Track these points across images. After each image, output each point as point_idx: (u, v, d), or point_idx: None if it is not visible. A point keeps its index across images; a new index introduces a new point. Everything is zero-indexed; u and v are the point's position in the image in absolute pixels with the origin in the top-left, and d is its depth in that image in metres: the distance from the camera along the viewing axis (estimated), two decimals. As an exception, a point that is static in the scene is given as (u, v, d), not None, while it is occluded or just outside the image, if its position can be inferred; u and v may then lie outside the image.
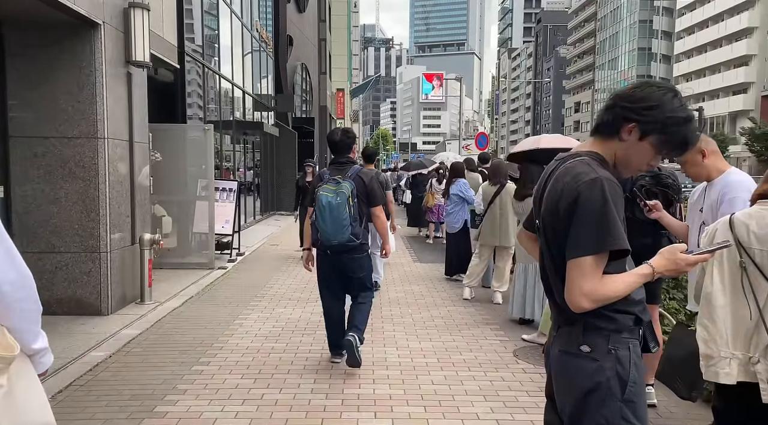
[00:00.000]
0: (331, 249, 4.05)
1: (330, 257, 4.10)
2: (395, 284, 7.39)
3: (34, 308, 1.53)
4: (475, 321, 5.66)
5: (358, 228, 4.01)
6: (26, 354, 1.54)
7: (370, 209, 4.14)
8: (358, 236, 4.01)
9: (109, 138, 5.59)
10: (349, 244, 3.99)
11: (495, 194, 6.31)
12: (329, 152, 20.92)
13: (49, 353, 1.63)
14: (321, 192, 3.99)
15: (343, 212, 3.92)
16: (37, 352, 1.57)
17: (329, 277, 4.23)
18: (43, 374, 1.64)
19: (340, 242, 3.97)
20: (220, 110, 11.19)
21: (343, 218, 3.93)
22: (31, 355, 1.56)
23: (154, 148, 8.01)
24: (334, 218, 3.92)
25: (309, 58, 28.10)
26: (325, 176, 4.13)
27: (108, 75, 5.55)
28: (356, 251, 4.08)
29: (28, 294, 1.50)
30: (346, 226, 3.94)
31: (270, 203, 16.62)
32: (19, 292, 1.47)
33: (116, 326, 5.23)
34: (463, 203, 7.60)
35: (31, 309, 1.52)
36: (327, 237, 3.98)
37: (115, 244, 5.71)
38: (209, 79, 10.71)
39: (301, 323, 5.51)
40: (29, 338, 1.54)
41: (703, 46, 61.94)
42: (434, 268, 8.67)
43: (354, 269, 4.15)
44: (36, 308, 1.54)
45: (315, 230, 4.04)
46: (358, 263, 4.14)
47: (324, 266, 4.20)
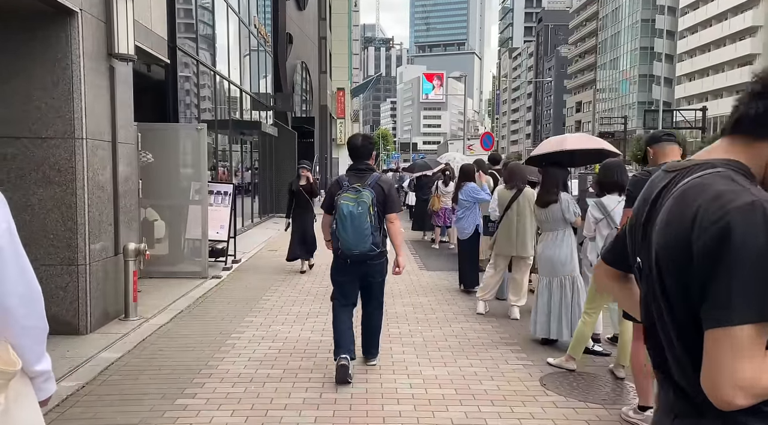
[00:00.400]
0: (352, 258, 4.01)
1: (349, 264, 4.06)
2: (401, 296, 6.85)
3: (40, 326, 1.48)
4: (493, 340, 5.12)
5: (379, 237, 3.99)
6: (28, 375, 1.48)
7: (386, 215, 4.07)
8: (379, 246, 4.01)
9: (88, 138, 5.05)
10: (370, 253, 3.97)
11: (512, 200, 5.77)
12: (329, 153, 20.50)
13: (52, 379, 1.56)
14: (342, 201, 3.91)
15: (364, 221, 3.88)
16: (39, 375, 1.51)
17: (346, 283, 4.19)
18: (45, 402, 1.56)
19: (361, 251, 3.94)
20: (216, 109, 10.65)
21: (365, 228, 3.89)
22: (33, 378, 1.50)
23: (144, 149, 7.49)
24: (355, 228, 3.87)
25: (309, 56, 27.58)
26: (344, 183, 4.05)
27: (87, 69, 5.02)
28: (376, 258, 4.08)
29: (35, 310, 1.45)
30: (367, 235, 3.90)
31: (268, 205, 16.09)
32: (25, 307, 1.42)
33: (94, 348, 4.69)
34: (474, 206, 7.07)
35: (37, 327, 1.47)
36: (348, 247, 3.94)
37: (95, 255, 5.18)
38: (204, 76, 10.18)
39: (300, 344, 4.98)
40: (32, 358, 1.47)
41: (706, 46, 61.52)
42: (443, 277, 8.13)
43: (373, 275, 4.16)
44: (42, 326, 1.48)
45: (336, 239, 3.99)
46: (378, 269, 4.15)
47: (341, 273, 4.16)
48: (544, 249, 4.92)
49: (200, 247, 7.79)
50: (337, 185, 4.09)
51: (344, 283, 4.18)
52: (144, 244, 5.69)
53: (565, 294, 4.82)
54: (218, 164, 10.86)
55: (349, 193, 3.94)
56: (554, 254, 4.85)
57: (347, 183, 4.01)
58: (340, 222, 3.91)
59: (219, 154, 11.20)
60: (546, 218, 4.90)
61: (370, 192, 3.94)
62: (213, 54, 10.67)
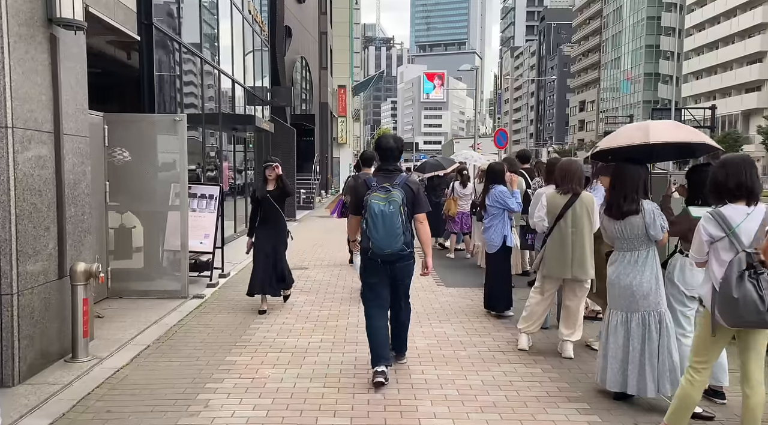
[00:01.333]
0: (383, 259, 3.97)
1: (379, 265, 4.03)
2: (420, 323, 5.63)
3: None
4: (547, 392, 3.90)
5: (409, 237, 3.99)
6: None
7: (415, 215, 4.06)
8: (410, 245, 4.01)
9: (17, 128, 3.84)
10: (401, 253, 3.95)
11: (566, 207, 4.55)
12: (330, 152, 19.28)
13: None
14: (372, 200, 3.90)
15: (396, 220, 3.86)
16: None
17: (378, 284, 4.14)
18: None
19: (393, 251, 3.91)
20: (202, 100, 9.41)
21: (397, 227, 3.87)
22: None
23: (113, 145, 6.28)
24: (387, 227, 3.86)
25: (309, 52, 26.39)
26: (372, 183, 4.01)
27: (14, 36, 3.80)
28: (406, 258, 4.07)
29: None
30: (399, 235, 3.88)
31: (265, 208, 14.85)
32: None
33: (16, 411, 3.47)
34: (502, 214, 5.87)
35: None
36: (380, 246, 3.90)
37: (28, 280, 3.96)
38: (188, 63, 8.94)
39: (295, 399, 3.75)
40: None
41: (714, 43, 60.49)
42: (465, 295, 6.91)
43: (402, 277, 4.15)
44: None
45: (366, 238, 3.96)
46: (407, 270, 4.14)
47: (373, 273, 4.11)
48: (620, 275, 3.69)
49: (180, 261, 6.57)
50: (365, 186, 4.03)
51: (376, 284, 4.13)
52: (97, 264, 4.46)
53: (649, 336, 3.60)
54: (206, 163, 9.63)
55: (378, 192, 3.92)
56: (634, 282, 3.63)
57: (375, 184, 3.98)
58: (372, 221, 3.87)
59: (207, 152, 9.97)
60: (622, 234, 3.68)
61: (400, 192, 3.92)
62: (200, 38, 9.44)
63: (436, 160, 11.66)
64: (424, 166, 11.48)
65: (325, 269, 8.57)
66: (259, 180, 6.11)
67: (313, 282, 7.60)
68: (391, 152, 4.14)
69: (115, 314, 5.73)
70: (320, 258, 9.60)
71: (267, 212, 6.01)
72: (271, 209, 5.99)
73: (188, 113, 8.73)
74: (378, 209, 3.85)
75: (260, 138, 14.45)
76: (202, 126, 9.39)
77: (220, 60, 10.54)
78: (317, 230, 13.82)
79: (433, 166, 11.11)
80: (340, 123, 35.87)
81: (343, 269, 8.57)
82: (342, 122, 36.12)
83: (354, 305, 6.26)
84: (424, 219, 4.12)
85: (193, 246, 7.11)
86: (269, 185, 6.00)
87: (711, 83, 60.52)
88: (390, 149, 4.14)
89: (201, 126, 9.37)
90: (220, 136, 10.47)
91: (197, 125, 9.21)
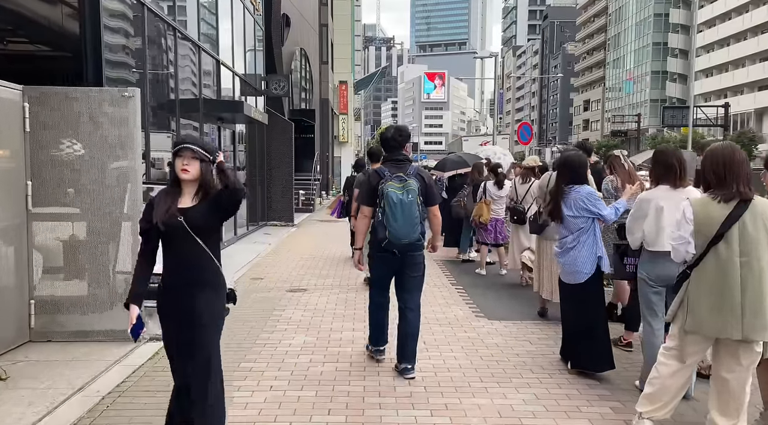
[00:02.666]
0: (400, 249, 3.92)
1: (392, 258, 3.97)
2: (470, 385, 3.86)
3: None
4: None
5: (423, 227, 3.98)
6: None
7: (428, 207, 4.03)
8: (424, 235, 4.00)
9: None
10: (417, 243, 3.95)
11: (729, 221, 2.78)
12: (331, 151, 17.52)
13: None
14: (389, 189, 3.83)
15: (414, 210, 3.85)
16: None
17: (387, 280, 4.13)
18: None
19: (410, 241, 3.89)
20: (175, 81, 7.60)
21: (415, 217, 3.87)
22: None
23: (44, 130, 4.53)
24: (406, 217, 3.82)
25: (309, 44, 24.67)
26: (384, 173, 3.93)
27: None
28: (419, 249, 4.04)
29: None
30: (417, 224, 3.89)
31: (259, 212, 13.12)
32: None
33: None
34: (591, 225, 4.13)
35: None
36: (398, 236, 3.84)
37: None
38: (154, 29, 7.14)
39: None
40: None
41: (725, 39, 59.11)
42: (519, 332, 5.14)
43: (414, 269, 4.07)
44: None
45: (383, 228, 3.86)
46: (418, 261, 4.06)
47: (386, 265, 4.05)
48: None
49: (132, 289, 4.78)
50: (376, 175, 3.96)
51: (385, 277, 4.12)
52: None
53: None
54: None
55: (394, 182, 3.86)
56: None
57: (388, 173, 3.91)
58: (390, 210, 3.82)
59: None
60: None
61: (415, 181, 3.90)
62: (173, 6, 7.66)
63: (458, 156, 9.89)
64: (444, 163, 9.71)
65: (329, 293, 6.77)
66: (161, 194, 2.78)
67: (313, 314, 5.80)
68: (395, 141, 4.07)
69: (26, 372, 3.97)
70: (323, 275, 7.82)
71: (178, 256, 2.74)
72: (186, 248, 2.72)
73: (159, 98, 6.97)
74: (396, 198, 3.80)
75: (253, 133, 12.70)
76: (175, 114, 7.61)
77: (200, 34, 8.76)
78: (318, 237, 12.03)
79: (455, 163, 9.34)
80: (341, 121, 34.10)
81: (352, 292, 6.78)
82: (343, 120, 34.35)
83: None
84: (438, 212, 4.15)
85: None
86: (184, 195, 2.74)
87: (722, 81, 59.06)
88: (394, 138, 4.07)
89: (174, 114, 7.59)
90: (201, 127, 8.67)
91: (169, 112, 7.46)
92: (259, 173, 13.14)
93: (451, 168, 9.31)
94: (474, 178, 8.45)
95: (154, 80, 7.17)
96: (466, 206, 8.38)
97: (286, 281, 7.35)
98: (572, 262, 4.12)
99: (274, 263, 8.66)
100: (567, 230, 4.23)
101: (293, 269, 8.20)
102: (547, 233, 5.52)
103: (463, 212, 8.45)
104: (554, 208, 4.32)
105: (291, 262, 8.80)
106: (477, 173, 8.50)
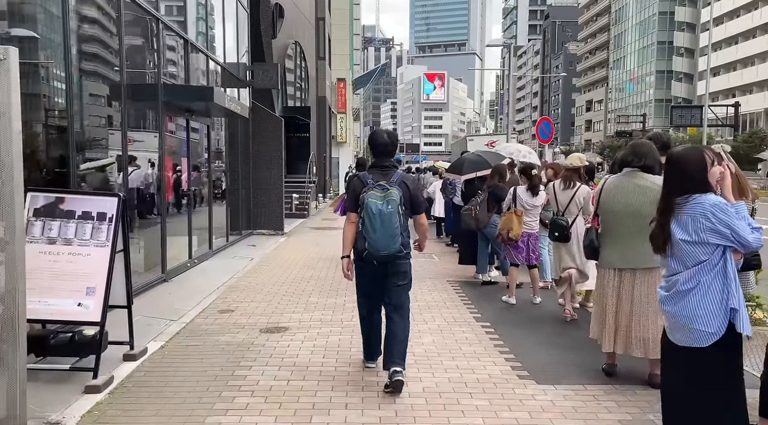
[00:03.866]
0: (379, 260, 3.82)
1: (374, 267, 3.86)
2: None
3: None
4: None
5: (406, 238, 3.85)
6: None
7: (414, 216, 3.99)
8: (407, 246, 3.87)
9: None
10: (398, 254, 3.81)
11: None
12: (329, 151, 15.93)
13: None
14: (369, 199, 3.75)
15: (394, 220, 3.74)
16: None
17: (371, 287, 4.00)
18: None
19: (390, 253, 3.78)
20: (121, 58, 5.92)
21: (395, 227, 3.74)
22: None
23: None
24: (385, 228, 3.72)
25: (304, 38, 23.08)
26: (367, 180, 3.86)
27: None
28: (402, 258, 3.89)
29: None
30: (396, 235, 3.76)
31: (242, 220, 11.49)
32: None
33: None
34: (721, 261, 2.54)
35: None
36: (377, 247, 3.75)
37: None
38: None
39: None
40: None
41: (733, 38, 57.77)
42: (592, 410, 3.51)
43: (400, 278, 3.92)
44: None
45: (362, 239, 3.79)
46: (403, 270, 3.92)
47: (366, 276, 3.97)
48: None
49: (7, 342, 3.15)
50: (360, 183, 3.89)
51: (368, 285, 3.99)
52: None
53: None
54: (127, 157, 6.18)
55: (375, 191, 3.78)
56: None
57: (371, 181, 3.84)
58: (369, 221, 3.72)
59: (139, 139, 6.59)
60: None
61: (397, 190, 3.79)
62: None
63: (477, 155, 8.23)
64: (460, 164, 8.09)
65: (317, 334, 5.12)
66: None
67: (291, 374, 4.14)
68: (384, 147, 3.98)
69: None
70: (310, 305, 6.17)
71: None
72: None
73: (93, 78, 5.36)
74: (376, 209, 3.71)
75: (237, 129, 11.07)
76: (121, 99, 5.96)
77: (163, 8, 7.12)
78: (309, 249, 10.35)
79: (474, 164, 7.71)
80: (339, 120, 32.46)
81: (347, 332, 5.13)
82: (341, 119, 32.70)
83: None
84: (424, 219, 4.06)
85: (61, 310, 3.74)
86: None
87: (730, 80, 57.78)
88: (384, 144, 3.98)
89: (119, 100, 5.95)
90: (161, 118, 7.01)
91: (114, 99, 5.84)
92: (244, 175, 11.51)
93: (469, 170, 7.69)
94: (494, 183, 6.83)
95: (91, 53, 5.53)
96: (478, 216, 6.77)
97: (262, 314, 5.72)
98: (687, 314, 2.54)
99: (252, 287, 7.04)
100: (679, 263, 2.66)
101: (274, 295, 6.58)
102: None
103: (474, 223, 6.84)
104: (660, 231, 2.74)
105: (273, 284, 7.18)
106: (498, 177, 6.87)
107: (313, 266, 8.53)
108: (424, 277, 7.54)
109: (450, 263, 8.67)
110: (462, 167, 7.76)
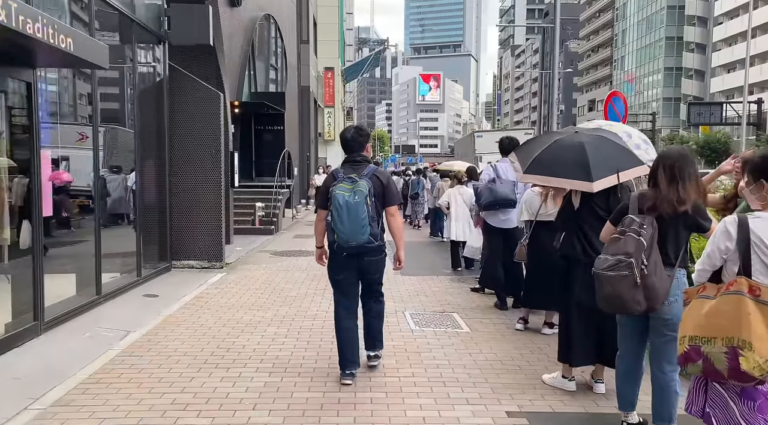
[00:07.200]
0: (349, 251, 3.86)
1: (345, 259, 3.92)
2: None
3: None
4: None
5: (376, 229, 3.88)
6: None
7: (386, 208, 3.97)
8: (377, 238, 3.89)
9: None
10: (368, 245, 3.84)
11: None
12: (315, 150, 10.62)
13: None
14: (337, 191, 3.80)
15: (361, 211, 3.75)
16: None
17: (344, 280, 4.03)
18: None
19: (359, 243, 3.80)
20: None
21: (362, 218, 3.76)
22: None
23: None
24: (352, 218, 3.75)
25: (282, 14, 19.10)
26: (338, 174, 3.94)
27: None
28: (375, 252, 3.94)
29: None
30: (364, 226, 3.77)
31: (150, 249, 7.37)
32: None
33: None
34: None
35: None
36: (345, 239, 3.79)
37: None
38: None
39: None
40: None
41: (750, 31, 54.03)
42: None
43: (370, 271, 4.01)
44: None
45: (331, 231, 3.87)
46: (375, 265, 4.00)
47: (339, 269, 4.00)
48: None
49: None
50: (331, 178, 3.97)
51: (342, 281, 4.02)
52: None
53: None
54: None
55: (344, 183, 3.84)
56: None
57: (342, 174, 3.91)
58: (336, 213, 3.78)
59: None
60: None
61: (366, 182, 3.83)
62: None
63: (597, 138, 4.00)
64: (552, 156, 3.91)
65: None
66: None
67: None
68: (353, 141, 4.00)
69: None
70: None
71: None
72: None
73: None
74: (342, 200, 3.74)
75: (122, 101, 6.98)
76: None
77: None
78: (258, 299, 6.23)
79: (603, 158, 3.54)
80: (326, 115, 28.39)
81: None
82: (329, 114, 28.63)
83: None
84: (396, 213, 4.05)
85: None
86: None
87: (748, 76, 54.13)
88: (351, 138, 4.01)
89: None
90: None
91: None
92: (144, 175, 7.42)
93: (602, 171, 3.53)
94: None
95: None
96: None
97: None
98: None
99: (164, 350, 2.94)
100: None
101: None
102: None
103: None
104: None
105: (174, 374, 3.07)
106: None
107: (251, 347, 4.38)
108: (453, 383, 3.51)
109: (493, 336, 4.60)
110: (559, 163, 3.65)
